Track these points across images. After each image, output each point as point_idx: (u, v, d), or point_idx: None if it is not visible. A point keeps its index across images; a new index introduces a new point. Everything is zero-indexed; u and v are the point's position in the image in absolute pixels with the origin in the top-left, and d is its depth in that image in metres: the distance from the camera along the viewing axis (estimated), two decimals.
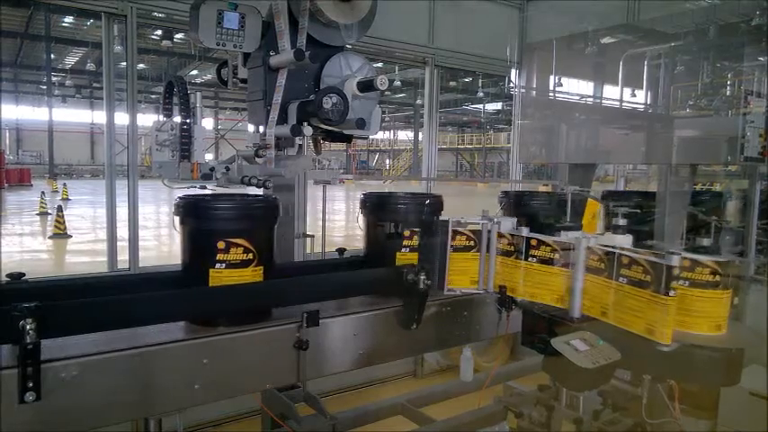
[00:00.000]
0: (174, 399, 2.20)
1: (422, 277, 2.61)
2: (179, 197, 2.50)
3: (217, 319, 2.38)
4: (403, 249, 2.95)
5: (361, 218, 3.13)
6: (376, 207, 3.09)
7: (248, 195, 2.70)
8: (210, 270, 2.34)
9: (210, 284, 2.34)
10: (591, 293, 2.29)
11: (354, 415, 3.27)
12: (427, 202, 3.07)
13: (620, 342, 2.11)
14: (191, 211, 2.44)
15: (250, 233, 2.40)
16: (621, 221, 3.25)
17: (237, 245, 2.35)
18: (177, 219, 2.47)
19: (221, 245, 2.33)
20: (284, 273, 2.72)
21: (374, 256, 3.10)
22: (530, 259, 2.53)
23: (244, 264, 2.38)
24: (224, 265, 2.34)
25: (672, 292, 1.98)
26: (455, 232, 2.73)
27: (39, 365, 1.83)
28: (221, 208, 2.43)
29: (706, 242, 2.38)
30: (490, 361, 5.31)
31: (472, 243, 2.74)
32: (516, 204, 3.77)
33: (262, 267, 2.44)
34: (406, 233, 2.93)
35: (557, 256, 2.44)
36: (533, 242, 2.52)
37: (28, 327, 1.78)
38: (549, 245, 2.47)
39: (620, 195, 4.29)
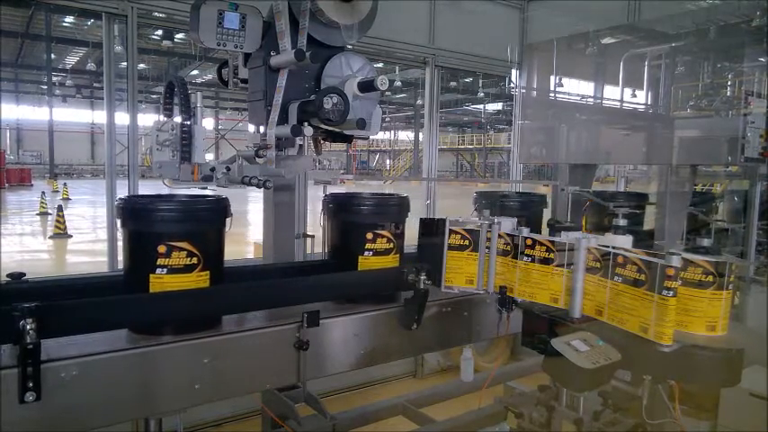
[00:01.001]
0: (175, 399, 2.20)
1: (422, 277, 2.61)
2: (120, 198, 2.41)
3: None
4: (365, 253, 2.79)
5: (324, 220, 2.99)
6: (339, 208, 2.92)
7: (195, 195, 2.57)
8: (151, 276, 2.22)
9: (151, 291, 2.23)
10: (586, 292, 2.29)
11: (355, 415, 3.28)
12: (392, 202, 2.92)
13: (621, 342, 2.11)
14: (130, 212, 2.33)
15: (194, 236, 2.27)
16: (622, 222, 3.25)
17: (180, 248, 2.23)
18: (119, 221, 2.37)
19: (162, 249, 2.21)
20: (235, 277, 2.61)
21: (336, 259, 2.94)
22: (525, 259, 2.53)
23: (187, 269, 2.25)
24: (165, 270, 2.22)
25: (669, 292, 1.98)
26: (450, 231, 2.73)
27: (39, 365, 1.83)
28: (162, 209, 2.29)
29: (706, 242, 2.38)
30: (490, 361, 5.32)
31: (467, 242, 2.74)
32: (490, 205, 3.70)
33: (208, 272, 2.32)
34: (369, 236, 2.78)
35: (552, 255, 2.44)
36: (528, 242, 2.52)
37: (28, 327, 1.78)
38: (543, 244, 2.47)
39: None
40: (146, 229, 2.28)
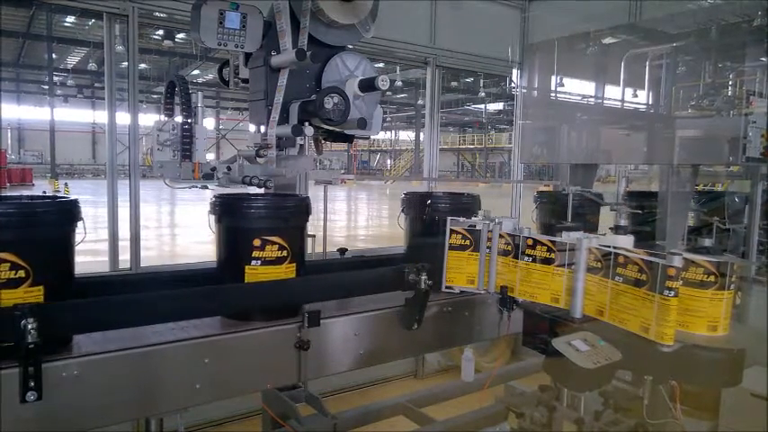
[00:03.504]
0: (176, 398, 2.20)
1: (423, 277, 2.61)
2: None
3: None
4: (253, 263, 2.45)
5: (212, 224, 2.62)
6: (224, 211, 2.56)
7: (35, 197, 2.29)
8: None
9: None
10: (587, 292, 2.29)
11: (356, 415, 3.27)
12: (288, 204, 2.66)
13: (622, 342, 2.11)
14: None
15: (18, 245, 1.91)
16: (623, 222, 3.25)
17: (1, 260, 1.88)
18: None
19: None
20: (97, 290, 2.37)
21: (226, 268, 2.60)
22: (526, 259, 2.53)
23: (12, 283, 1.90)
24: None
25: (671, 292, 1.98)
26: (450, 231, 2.73)
27: (40, 365, 1.83)
28: None
29: (708, 242, 2.38)
30: (491, 361, 5.31)
31: (468, 242, 2.74)
32: (418, 205, 3.53)
33: (42, 287, 1.97)
34: (256, 242, 2.45)
35: (553, 255, 2.44)
36: (529, 242, 2.52)
37: (29, 326, 1.78)
38: (544, 244, 2.47)
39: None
40: None
